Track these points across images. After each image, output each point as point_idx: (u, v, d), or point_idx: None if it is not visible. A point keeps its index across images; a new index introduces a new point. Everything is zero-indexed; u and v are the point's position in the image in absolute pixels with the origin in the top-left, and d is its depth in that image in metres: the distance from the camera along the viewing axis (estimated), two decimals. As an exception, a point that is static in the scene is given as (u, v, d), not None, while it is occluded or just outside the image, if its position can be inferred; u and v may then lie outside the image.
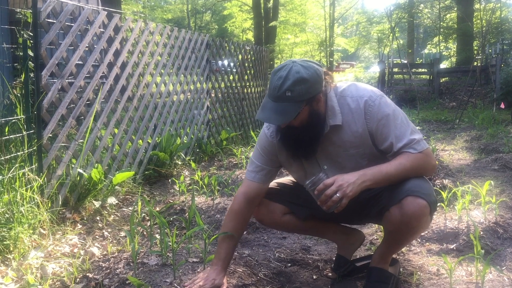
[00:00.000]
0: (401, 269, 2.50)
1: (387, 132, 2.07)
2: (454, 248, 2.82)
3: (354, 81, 2.27)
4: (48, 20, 3.44)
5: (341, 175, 2.01)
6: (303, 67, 1.98)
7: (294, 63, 2.00)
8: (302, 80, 1.95)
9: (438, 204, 3.40)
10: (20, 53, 3.33)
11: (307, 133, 2.10)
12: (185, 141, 5.56)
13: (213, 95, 6.54)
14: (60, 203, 3.31)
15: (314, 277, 2.58)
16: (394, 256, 2.42)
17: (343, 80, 16.03)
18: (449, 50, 28.59)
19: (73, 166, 3.60)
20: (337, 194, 1.94)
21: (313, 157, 2.21)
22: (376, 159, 2.15)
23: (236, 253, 2.56)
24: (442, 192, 3.39)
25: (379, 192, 2.20)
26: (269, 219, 2.44)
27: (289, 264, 2.73)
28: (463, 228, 3.00)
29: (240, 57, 7.45)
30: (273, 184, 2.45)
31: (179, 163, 5.15)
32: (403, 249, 2.84)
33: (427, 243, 2.95)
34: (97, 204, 3.49)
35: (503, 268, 2.52)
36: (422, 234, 3.04)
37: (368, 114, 2.09)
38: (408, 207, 2.02)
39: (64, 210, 3.37)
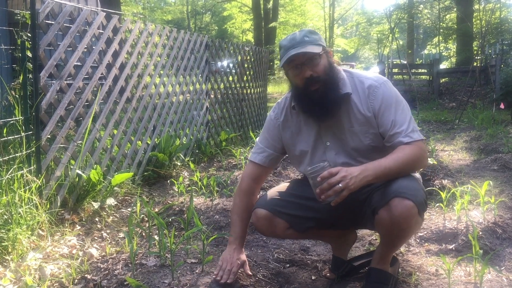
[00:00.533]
0: (400, 269, 2.50)
1: (388, 115, 2.15)
2: (453, 248, 2.82)
3: None
4: (46, 21, 3.44)
5: (345, 167, 2.01)
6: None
7: None
8: (313, 31, 2.20)
9: (437, 204, 3.42)
10: (19, 54, 3.33)
11: (331, 84, 2.17)
12: (184, 142, 5.55)
13: (212, 96, 6.54)
14: (58, 204, 3.31)
15: (313, 277, 2.58)
16: (394, 255, 2.41)
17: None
18: (449, 51, 28.59)
19: (71, 167, 3.60)
20: (340, 185, 1.93)
21: (332, 118, 2.22)
22: (379, 141, 2.20)
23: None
24: (441, 193, 3.39)
25: (370, 193, 2.21)
26: (271, 233, 2.42)
27: (288, 265, 2.73)
28: (462, 228, 3.00)
29: (239, 58, 7.44)
30: (274, 194, 2.42)
31: (178, 164, 5.15)
32: (401, 250, 2.84)
33: (426, 244, 2.94)
34: (95, 205, 3.49)
35: (501, 269, 2.52)
36: (421, 234, 3.04)
37: (373, 95, 2.18)
38: (396, 209, 2.02)
39: (62, 211, 3.36)
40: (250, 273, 2.33)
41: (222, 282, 2.17)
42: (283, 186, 2.50)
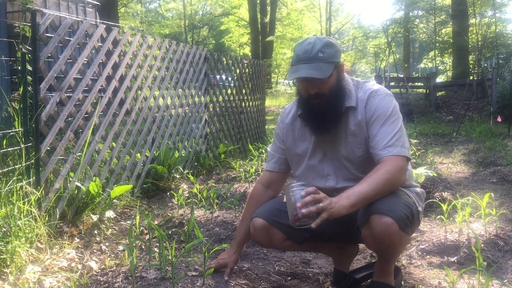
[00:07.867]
0: (402, 282, 2.48)
1: (376, 125, 2.14)
2: (455, 260, 2.80)
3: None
4: (47, 34, 3.44)
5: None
6: (325, 37, 2.18)
7: (316, 35, 2.22)
8: (330, 44, 2.13)
9: (438, 216, 3.41)
10: (18, 67, 3.33)
11: (333, 102, 2.17)
12: (183, 155, 5.54)
13: (211, 108, 6.54)
14: (57, 216, 3.28)
15: (315, 290, 2.55)
16: (397, 265, 2.39)
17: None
18: (445, 65, 28.78)
19: (71, 179, 3.57)
20: (321, 204, 1.86)
21: (328, 134, 2.23)
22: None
23: (235, 267, 2.53)
24: (442, 205, 3.38)
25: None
26: (269, 244, 2.41)
27: (289, 278, 2.71)
28: (464, 240, 2.98)
29: (237, 71, 7.47)
30: (272, 204, 2.40)
31: (177, 176, 5.13)
32: (403, 262, 2.82)
33: (428, 256, 2.93)
34: (95, 217, 3.46)
35: (504, 281, 2.50)
36: (423, 247, 3.03)
37: (369, 104, 2.19)
38: (375, 228, 1.99)
39: (61, 224, 3.34)
40: (226, 278, 2.32)
41: None
42: (280, 197, 2.48)
